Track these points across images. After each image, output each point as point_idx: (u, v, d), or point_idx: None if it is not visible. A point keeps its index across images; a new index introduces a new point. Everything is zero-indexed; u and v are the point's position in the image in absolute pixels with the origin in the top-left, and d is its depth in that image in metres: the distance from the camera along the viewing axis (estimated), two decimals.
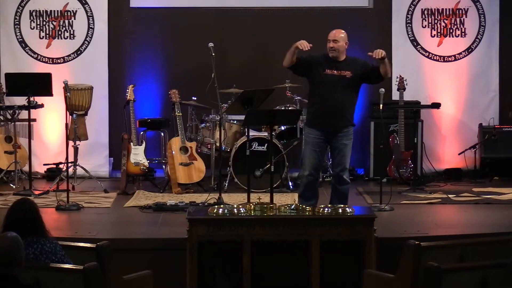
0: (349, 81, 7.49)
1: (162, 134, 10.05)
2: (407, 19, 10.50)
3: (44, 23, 10.43)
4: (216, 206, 6.60)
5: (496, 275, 4.85)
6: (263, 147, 9.30)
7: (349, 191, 9.42)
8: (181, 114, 9.37)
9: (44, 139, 10.38)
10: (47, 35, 10.43)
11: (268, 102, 8.19)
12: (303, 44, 7.41)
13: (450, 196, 8.92)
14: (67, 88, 8.57)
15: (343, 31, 7.67)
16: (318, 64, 7.54)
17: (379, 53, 7.40)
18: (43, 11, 10.42)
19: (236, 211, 6.40)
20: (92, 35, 10.44)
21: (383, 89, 8.33)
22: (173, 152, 9.29)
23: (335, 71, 7.50)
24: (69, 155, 8.80)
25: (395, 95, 9.91)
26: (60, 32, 10.44)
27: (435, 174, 10.20)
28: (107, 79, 10.43)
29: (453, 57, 10.53)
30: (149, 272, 5.81)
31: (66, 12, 10.42)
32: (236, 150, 9.29)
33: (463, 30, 10.53)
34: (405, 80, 9.73)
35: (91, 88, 9.59)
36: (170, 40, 10.63)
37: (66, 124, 8.82)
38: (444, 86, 10.48)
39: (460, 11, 10.52)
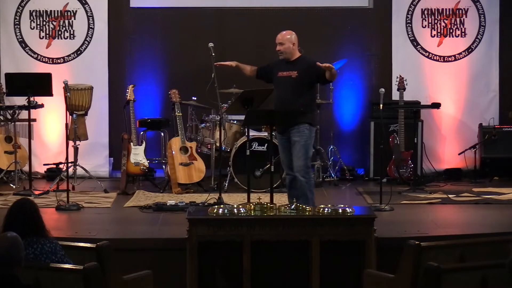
0: (295, 80, 7.58)
1: (162, 134, 10.05)
2: (407, 19, 10.50)
3: (44, 23, 10.43)
4: (216, 206, 6.60)
5: (496, 275, 4.85)
6: (263, 147, 9.30)
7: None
8: (181, 114, 9.37)
9: (44, 139, 10.38)
10: (47, 35, 10.43)
11: (268, 102, 8.19)
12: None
13: (450, 196, 8.91)
14: (67, 88, 8.57)
15: (290, 32, 7.78)
16: (273, 68, 7.78)
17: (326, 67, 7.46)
18: (43, 11, 10.42)
19: (236, 211, 6.41)
20: (92, 35, 10.44)
21: (383, 89, 8.34)
22: (173, 152, 9.29)
23: (284, 73, 7.66)
24: (69, 155, 8.81)
25: (395, 95, 9.91)
26: (60, 32, 10.45)
27: (435, 174, 10.20)
28: (107, 79, 10.43)
29: (453, 57, 10.53)
30: (149, 272, 5.81)
31: (66, 12, 10.42)
32: (236, 150, 9.29)
33: (463, 30, 10.53)
34: (405, 80, 9.72)
35: (91, 88, 9.59)
36: (170, 40, 10.64)
37: (66, 124, 8.82)
38: (444, 86, 10.48)
39: (460, 11, 10.52)
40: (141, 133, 9.81)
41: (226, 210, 6.42)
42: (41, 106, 9.65)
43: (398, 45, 10.52)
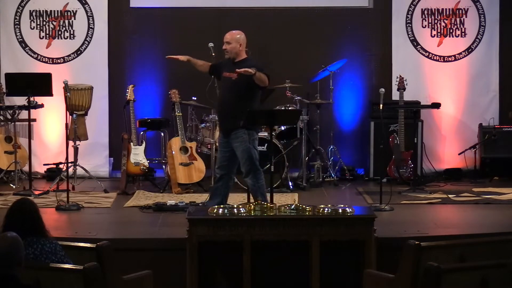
0: (235, 83, 7.49)
1: (162, 134, 10.04)
2: (407, 19, 10.50)
3: (44, 23, 10.43)
4: (216, 206, 6.60)
5: (496, 275, 4.85)
6: (263, 147, 9.29)
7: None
8: (181, 114, 9.37)
9: (44, 139, 10.38)
10: (47, 35, 10.43)
11: (268, 102, 8.20)
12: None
13: (450, 196, 8.91)
14: (67, 88, 8.57)
15: (238, 32, 7.71)
16: (221, 67, 7.72)
17: (242, 71, 7.33)
18: (43, 11, 10.42)
19: (236, 211, 6.41)
20: (92, 35, 10.44)
21: (383, 89, 8.34)
22: (173, 152, 9.29)
23: (227, 73, 7.61)
24: (69, 155, 8.80)
25: (395, 95, 9.91)
26: (60, 32, 10.45)
27: (435, 174, 10.20)
28: (107, 79, 10.44)
29: (453, 57, 10.53)
30: (149, 272, 5.80)
31: (66, 12, 10.43)
32: None
33: (463, 30, 10.53)
34: (405, 80, 9.72)
35: (91, 88, 9.60)
36: (170, 40, 10.62)
37: (66, 124, 8.82)
38: (444, 86, 10.48)
39: (460, 11, 10.52)
40: (141, 133, 9.81)
41: (226, 210, 6.42)
42: (41, 106, 9.65)
43: (398, 45, 10.52)
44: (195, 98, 9.66)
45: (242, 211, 6.41)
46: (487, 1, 10.48)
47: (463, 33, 10.53)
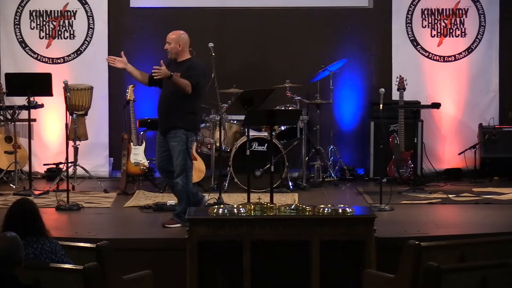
0: (174, 83, 7.41)
1: None
2: (407, 19, 10.50)
3: (44, 23, 10.43)
4: (216, 206, 6.60)
5: (496, 275, 4.85)
6: (263, 147, 9.30)
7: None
8: None
9: (44, 139, 10.38)
10: (47, 35, 10.43)
11: (268, 102, 8.19)
12: (112, 61, 7.72)
13: (450, 196, 8.92)
14: (67, 88, 8.58)
15: (178, 33, 7.62)
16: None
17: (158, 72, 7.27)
18: (43, 11, 10.42)
19: (236, 211, 6.41)
20: (92, 35, 10.44)
21: (383, 89, 8.35)
22: None
23: None
24: (69, 155, 8.81)
25: (395, 95, 9.91)
26: (60, 32, 10.45)
27: (435, 174, 10.20)
28: (107, 79, 10.43)
29: (453, 57, 10.53)
30: (149, 272, 5.81)
31: (66, 12, 10.43)
32: (236, 150, 9.29)
33: (463, 30, 10.53)
34: (405, 80, 9.72)
35: (91, 88, 9.60)
36: None
37: (66, 124, 8.82)
38: (444, 86, 10.48)
39: (460, 11, 10.52)
40: (141, 133, 9.80)
41: (226, 210, 6.43)
42: (41, 106, 9.65)
43: (398, 45, 10.52)
44: None
45: (242, 211, 6.41)
46: (487, 1, 10.48)
47: (463, 33, 10.53)
